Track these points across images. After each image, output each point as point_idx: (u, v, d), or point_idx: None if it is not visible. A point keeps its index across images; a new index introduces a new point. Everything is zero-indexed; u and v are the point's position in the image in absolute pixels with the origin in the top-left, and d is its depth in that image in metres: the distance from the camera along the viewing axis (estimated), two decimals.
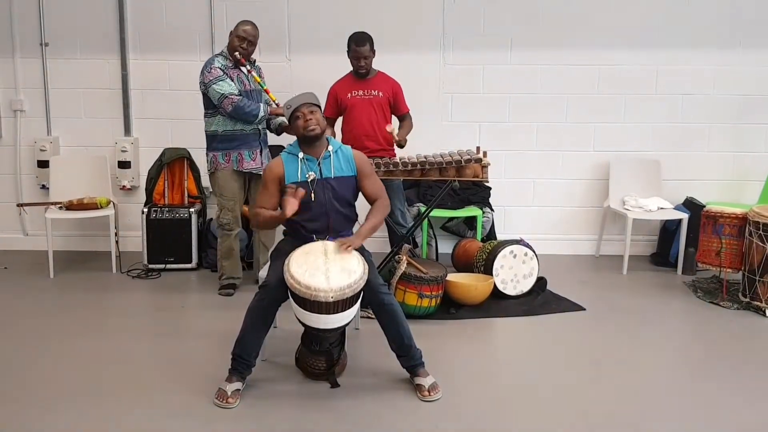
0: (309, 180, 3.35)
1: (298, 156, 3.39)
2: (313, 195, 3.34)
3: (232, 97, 4.37)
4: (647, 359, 3.70)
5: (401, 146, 4.58)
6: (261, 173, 4.52)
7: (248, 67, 4.54)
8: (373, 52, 4.63)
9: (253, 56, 4.64)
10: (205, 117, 4.57)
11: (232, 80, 4.43)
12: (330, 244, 3.23)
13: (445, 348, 3.79)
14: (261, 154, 4.60)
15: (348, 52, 4.64)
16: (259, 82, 4.55)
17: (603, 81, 5.54)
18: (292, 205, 3.22)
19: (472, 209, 5.31)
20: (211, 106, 4.47)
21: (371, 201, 3.48)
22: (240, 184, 4.60)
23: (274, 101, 4.59)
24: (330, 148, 3.43)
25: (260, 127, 4.58)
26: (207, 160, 4.62)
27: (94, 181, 5.39)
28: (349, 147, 3.56)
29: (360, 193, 3.50)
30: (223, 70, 4.42)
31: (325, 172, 3.38)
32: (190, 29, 5.47)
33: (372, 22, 4.93)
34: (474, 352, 3.82)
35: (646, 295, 4.75)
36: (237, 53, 4.45)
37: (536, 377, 3.47)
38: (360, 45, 4.57)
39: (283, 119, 4.48)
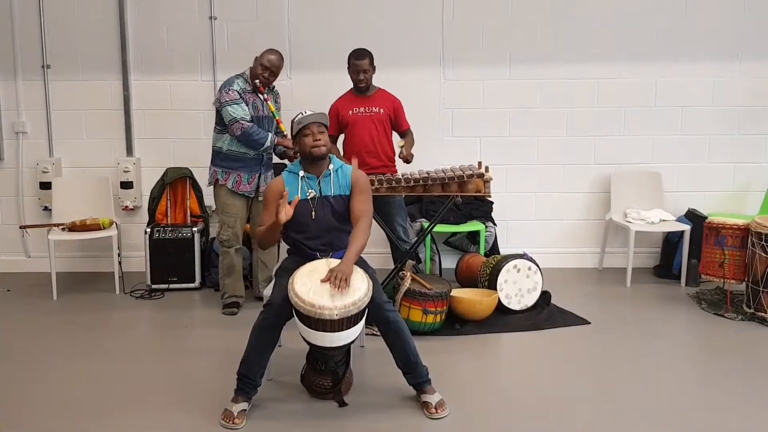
0: (309, 198, 3.36)
1: (298, 174, 3.40)
2: (313, 213, 3.35)
3: (243, 122, 4.41)
4: (653, 371, 3.69)
5: (408, 162, 4.60)
6: (256, 196, 4.60)
7: (266, 95, 4.57)
8: (373, 67, 4.66)
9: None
10: (214, 131, 4.62)
11: (247, 104, 4.47)
12: (334, 262, 3.21)
13: (451, 364, 3.78)
14: (260, 179, 4.63)
15: (348, 67, 4.66)
16: (273, 112, 4.58)
17: (602, 94, 5.56)
18: (286, 211, 3.20)
19: (475, 224, 5.31)
20: (222, 123, 4.51)
21: (355, 219, 3.37)
22: (242, 202, 4.62)
23: (283, 131, 4.62)
24: (331, 166, 3.44)
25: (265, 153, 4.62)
26: (209, 173, 4.66)
27: (96, 202, 5.39)
28: (350, 166, 3.57)
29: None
30: (240, 94, 4.45)
31: (324, 190, 3.39)
32: (191, 49, 5.50)
33: (372, 39, 4.95)
34: (480, 367, 3.82)
35: (651, 308, 4.74)
36: (258, 81, 4.49)
37: (543, 392, 3.46)
38: (359, 59, 4.60)
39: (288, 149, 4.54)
